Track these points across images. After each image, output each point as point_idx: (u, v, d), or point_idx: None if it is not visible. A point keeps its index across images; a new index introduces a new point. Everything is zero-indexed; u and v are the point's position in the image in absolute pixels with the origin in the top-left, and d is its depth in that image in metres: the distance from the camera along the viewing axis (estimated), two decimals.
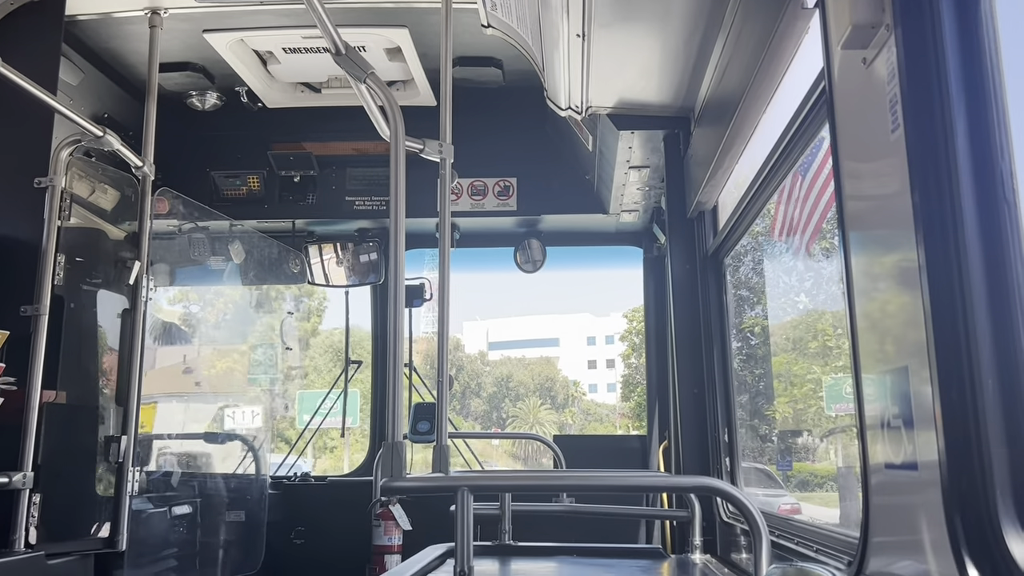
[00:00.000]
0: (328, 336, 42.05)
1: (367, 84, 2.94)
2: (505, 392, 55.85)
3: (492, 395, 56.08)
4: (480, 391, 56.18)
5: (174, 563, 4.84)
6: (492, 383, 56.99)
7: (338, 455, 32.50)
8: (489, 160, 6.07)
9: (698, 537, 3.92)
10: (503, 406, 54.78)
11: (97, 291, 4.50)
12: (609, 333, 62.59)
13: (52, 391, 4.02)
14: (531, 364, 59.36)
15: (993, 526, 1.35)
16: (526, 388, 56.00)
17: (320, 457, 34.32)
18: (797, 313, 8.42)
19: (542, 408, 53.57)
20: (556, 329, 67.36)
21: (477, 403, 55.32)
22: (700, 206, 4.48)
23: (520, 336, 65.84)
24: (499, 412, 54.29)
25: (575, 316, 68.67)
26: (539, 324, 67.60)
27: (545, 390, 56.13)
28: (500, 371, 58.43)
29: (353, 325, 7.10)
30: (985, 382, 1.39)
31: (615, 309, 64.56)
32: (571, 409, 55.43)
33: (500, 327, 68.48)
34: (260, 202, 6.17)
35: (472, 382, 55.52)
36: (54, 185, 4.10)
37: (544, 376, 57.44)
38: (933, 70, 1.50)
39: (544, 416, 52.56)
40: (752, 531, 2.35)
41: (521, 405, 54.08)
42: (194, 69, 5.31)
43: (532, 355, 61.27)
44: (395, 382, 2.70)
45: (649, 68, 4.05)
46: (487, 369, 58.81)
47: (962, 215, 1.44)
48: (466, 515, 2.50)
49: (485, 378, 57.41)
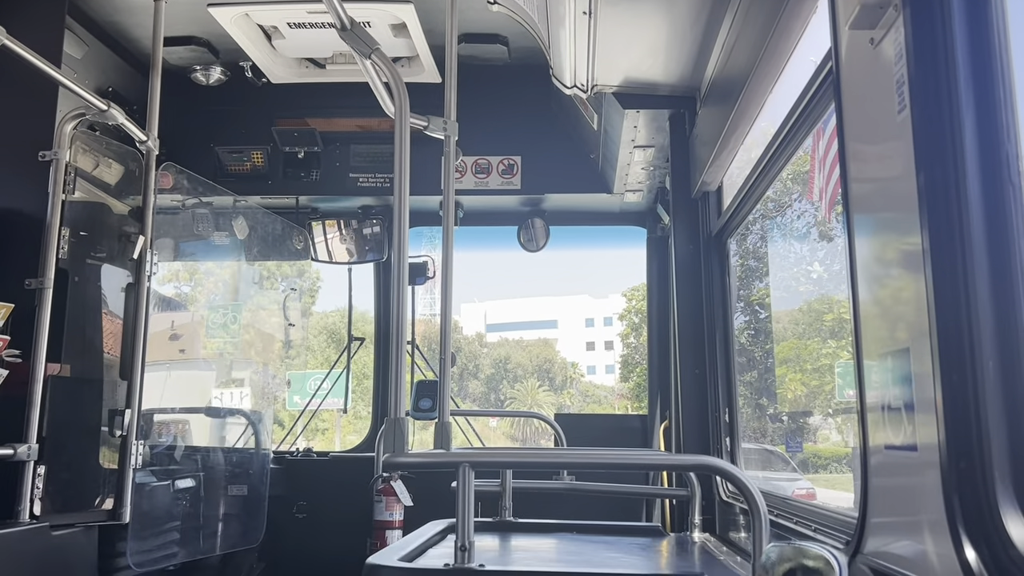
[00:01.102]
0: (323, 318, 41.91)
1: (372, 60, 2.93)
2: (503, 374, 55.73)
3: (490, 377, 55.99)
4: (478, 373, 56.08)
5: (177, 535, 4.88)
6: (490, 365, 56.87)
7: (329, 437, 32.43)
8: (494, 138, 6.06)
9: (697, 516, 3.95)
10: (501, 388, 54.71)
11: (101, 265, 4.51)
12: (607, 315, 62.56)
13: (56, 364, 4.04)
14: (529, 346, 59.20)
15: (991, 507, 1.36)
16: (524, 370, 55.84)
17: (312, 439, 34.24)
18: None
19: (540, 390, 53.46)
20: (554, 311, 67.28)
21: (475, 385, 55.24)
22: (704, 186, 4.47)
23: (518, 318, 65.79)
24: (497, 394, 54.22)
25: (574, 298, 68.57)
26: (537, 306, 67.52)
27: (543, 372, 55.97)
28: (498, 353, 58.26)
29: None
30: (986, 365, 1.39)
31: (614, 290, 64.56)
32: (569, 391, 55.29)
33: (498, 309, 68.40)
34: (264, 178, 6.17)
35: (470, 364, 55.42)
36: (58, 159, 4.10)
37: (542, 358, 57.26)
38: (941, 51, 1.49)
39: (542, 398, 52.44)
40: (751, 510, 2.37)
41: (519, 387, 53.99)
42: (198, 43, 5.29)
43: (530, 337, 61.19)
44: (398, 358, 2.71)
45: (655, 46, 4.03)
46: (485, 351, 58.66)
47: (967, 197, 1.44)
48: (467, 491, 2.52)
49: (483, 360, 57.28)
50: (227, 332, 6.57)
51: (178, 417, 5.80)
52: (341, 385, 6.79)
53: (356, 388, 6.97)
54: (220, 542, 5.30)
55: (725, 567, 3.16)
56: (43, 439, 3.85)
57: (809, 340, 9.04)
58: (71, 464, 4.16)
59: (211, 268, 6.92)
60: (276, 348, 7.26)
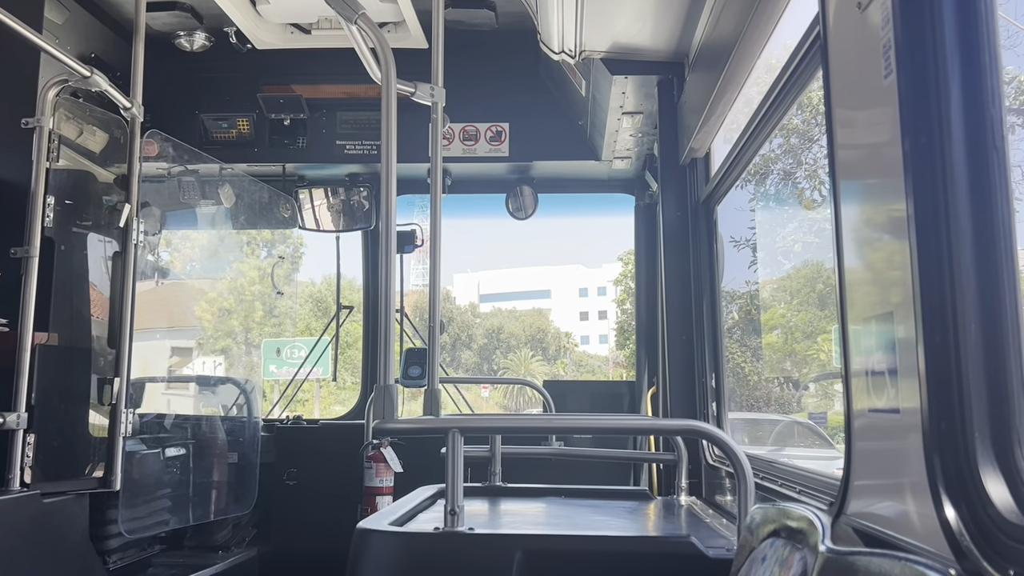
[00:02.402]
0: (308, 287, 41.57)
1: (358, 25, 2.90)
2: (496, 344, 55.55)
3: (483, 347, 55.79)
4: (471, 343, 55.90)
5: (168, 503, 4.91)
6: (483, 335, 56.68)
7: (310, 408, 32.36)
8: (481, 105, 6.02)
9: (684, 480, 4.00)
10: (494, 358, 54.56)
11: (87, 234, 4.48)
12: (601, 284, 62.52)
13: (44, 333, 4.04)
14: (523, 316, 58.93)
15: (971, 467, 1.38)
16: (517, 340, 55.67)
17: (294, 411, 33.92)
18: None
19: (533, 360, 53.32)
20: (548, 281, 67.11)
21: (468, 355, 55.02)
22: (692, 153, 4.47)
23: (512, 288, 65.66)
24: (490, 364, 54.06)
25: (567, 267, 68.40)
26: (531, 276, 67.34)
27: (536, 341, 55.82)
28: (491, 323, 58.03)
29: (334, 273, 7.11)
30: (968, 328, 1.41)
31: (607, 260, 64.44)
32: (563, 361, 55.23)
33: (491, 279, 68.22)
34: (250, 145, 6.12)
35: (463, 334, 55.22)
36: (41, 126, 4.05)
37: (536, 327, 57.10)
38: (928, 15, 1.49)
39: (536, 368, 52.28)
40: (736, 473, 2.40)
41: (512, 357, 53.87)
42: (182, 8, 5.22)
43: (524, 307, 61.07)
44: (387, 326, 2.72)
45: (644, 12, 4.00)
46: (477, 321, 58.46)
47: (952, 162, 1.45)
48: (456, 456, 2.55)
49: (476, 330, 57.09)
50: (207, 301, 6.56)
51: (166, 385, 5.81)
52: (320, 354, 6.79)
53: (339, 358, 6.95)
54: (211, 509, 5.34)
55: (711, 529, 3.21)
56: (32, 408, 3.85)
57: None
58: (61, 432, 4.16)
59: (192, 235, 6.86)
60: (257, 317, 7.25)
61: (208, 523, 5.36)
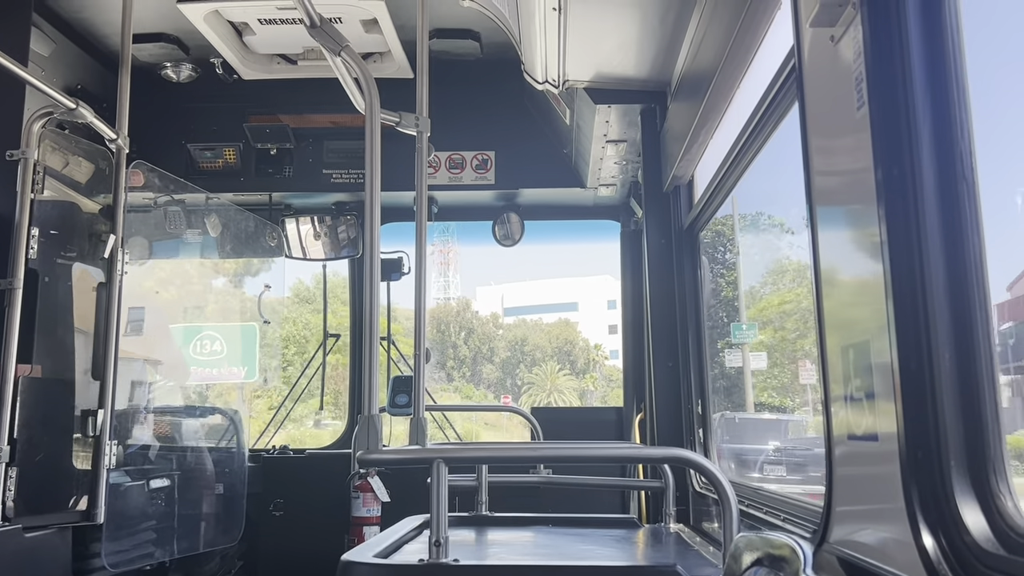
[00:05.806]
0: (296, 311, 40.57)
1: (342, 57, 2.93)
2: (520, 357, 51.02)
3: (506, 360, 51.14)
4: (493, 356, 51.58)
5: (153, 535, 4.86)
6: (505, 347, 52.08)
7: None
8: (467, 133, 6.06)
9: (671, 507, 3.98)
10: (518, 372, 50.36)
11: (72, 265, 4.48)
12: None
13: (27, 365, 4.02)
14: (548, 327, 53.70)
15: (948, 494, 1.39)
16: (543, 352, 50.90)
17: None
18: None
19: (561, 374, 48.78)
20: (575, 293, 62.11)
21: (489, 369, 50.99)
22: (676, 180, 4.51)
23: (537, 301, 60.38)
24: (513, 379, 50.01)
25: (595, 279, 64.16)
26: (557, 288, 62.26)
27: (564, 354, 50.84)
28: (514, 334, 53.41)
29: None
30: (942, 355, 1.43)
31: None
32: (592, 375, 50.37)
33: (516, 292, 63.11)
34: (236, 175, 6.13)
35: (483, 346, 51.17)
36: (27, 158, 4.06)
37: (563, 339, 51.84)
38: (897, 49, 1.52)
39: (563, 383, 47.87)
40: (721, 501, 2.40)
41: (538, 371, 49.49)
42: (168, 40, 5.25)
43: (550, 320, 56.02)
44: (371, 355, 2.72)
45: (626, 42, 4.05)
46: (500, 333, 53.77)
47: (923, 192, 1.47)
48: (441, 487, 2.54)
49: (498, 342, 52.51)
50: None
51: (152, 415, 5.76)
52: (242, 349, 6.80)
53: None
54: (197, 541, 5.29)
55: (699, 556, 3.20)
56: (14, 440, 3.82)
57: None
58: (44, 465, 4.13)
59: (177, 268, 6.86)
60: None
61: (194, 555, 5.30)
